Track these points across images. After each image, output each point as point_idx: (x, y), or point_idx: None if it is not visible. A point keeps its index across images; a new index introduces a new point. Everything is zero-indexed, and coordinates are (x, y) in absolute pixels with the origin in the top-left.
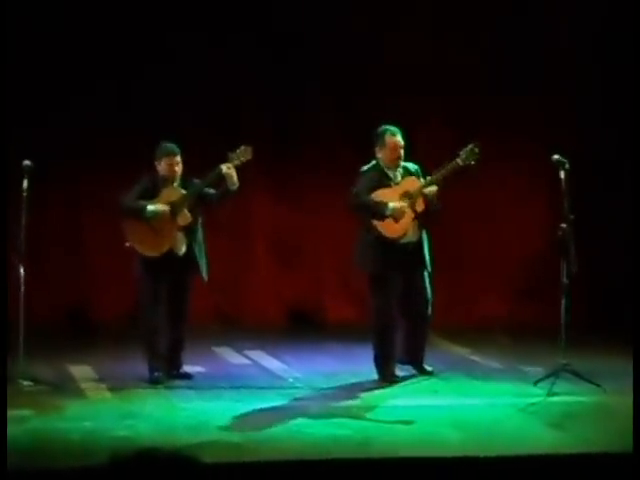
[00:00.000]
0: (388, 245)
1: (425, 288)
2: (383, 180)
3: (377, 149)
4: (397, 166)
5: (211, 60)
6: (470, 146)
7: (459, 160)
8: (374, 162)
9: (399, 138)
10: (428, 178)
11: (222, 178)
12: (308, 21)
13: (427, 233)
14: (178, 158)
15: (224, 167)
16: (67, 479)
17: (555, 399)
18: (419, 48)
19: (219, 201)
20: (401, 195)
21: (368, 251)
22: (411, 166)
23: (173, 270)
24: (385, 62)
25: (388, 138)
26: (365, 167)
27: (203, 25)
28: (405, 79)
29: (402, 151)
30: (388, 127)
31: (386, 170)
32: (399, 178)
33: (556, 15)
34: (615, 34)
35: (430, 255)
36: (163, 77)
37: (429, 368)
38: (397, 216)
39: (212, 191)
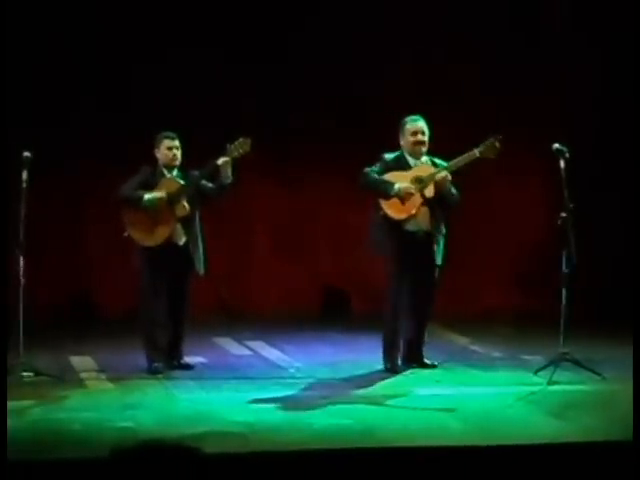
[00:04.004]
0: (398, 230)
1: (432, 285)
2: (401, 164)
3: (400, 138)
4: (419, 153)
5: (210, 58)
6: (491, 139)
7: (476, 151)
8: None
9: (419, 124)
10: (442, 165)
11: (218, 171)
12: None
13: (445, 226)
14: (177, 142)
15: (220, 160)
16: (68, 470)
17: (555, 388)
18: (419, 47)
19: (217, 195)
20: (412, 179)
21: (381, 234)
22: (438, 160)
23: (172, 261)
24: (385, 61)
25: (408, 124)
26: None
27: (203, 23)
28: (405, 78)
29: (423, 137)
30: (410, 115)
31: (407, 157)
32: (418, 165)
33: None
34: (614, 28)
35: (444, 249)
36: (164, 73)
37: (429, 361)
38: (403, 196)
39: (210, 184)
